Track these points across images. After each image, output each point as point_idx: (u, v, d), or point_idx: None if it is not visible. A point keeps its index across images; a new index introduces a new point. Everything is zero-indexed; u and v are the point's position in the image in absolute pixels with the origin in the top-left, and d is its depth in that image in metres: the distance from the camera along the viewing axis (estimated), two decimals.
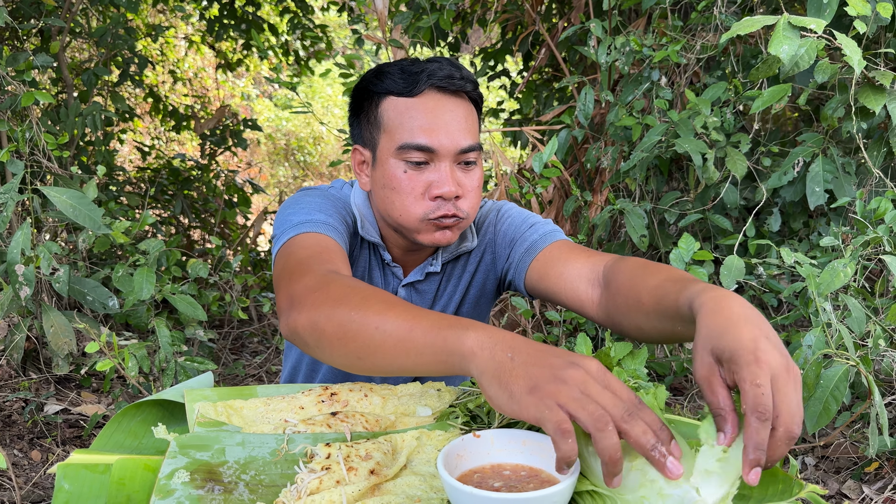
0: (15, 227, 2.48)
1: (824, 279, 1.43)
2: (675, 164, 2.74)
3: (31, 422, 2.35)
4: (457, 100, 1.24)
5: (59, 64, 3.26)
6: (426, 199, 1.22)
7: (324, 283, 1.00)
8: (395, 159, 1.23)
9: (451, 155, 1.22)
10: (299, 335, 0.99)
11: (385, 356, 0.91)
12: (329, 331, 0.95)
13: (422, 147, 1.20)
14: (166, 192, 4.33)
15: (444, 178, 1.21)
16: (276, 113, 8.48)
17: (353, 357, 0.94)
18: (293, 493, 0.83)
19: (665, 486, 0.74)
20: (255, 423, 1.00)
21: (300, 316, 0.98)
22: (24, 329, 2.28)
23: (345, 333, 0.93)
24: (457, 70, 1.23)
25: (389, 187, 1.24)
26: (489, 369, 0.80)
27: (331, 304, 0.96)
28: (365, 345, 0.92)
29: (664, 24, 2.60)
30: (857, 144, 2.18)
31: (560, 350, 0.80)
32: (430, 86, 1.21)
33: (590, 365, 0.76)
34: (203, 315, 2.09)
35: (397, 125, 1.22)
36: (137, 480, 0.88)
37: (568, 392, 0.73)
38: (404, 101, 1.22)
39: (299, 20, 4.92)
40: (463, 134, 1.22)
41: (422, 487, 0.86)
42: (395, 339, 0.89)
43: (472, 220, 1.30)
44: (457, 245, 1.38)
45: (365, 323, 0.92)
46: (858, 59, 1.75)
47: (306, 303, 0.99)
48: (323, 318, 0.95)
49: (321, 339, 0.96)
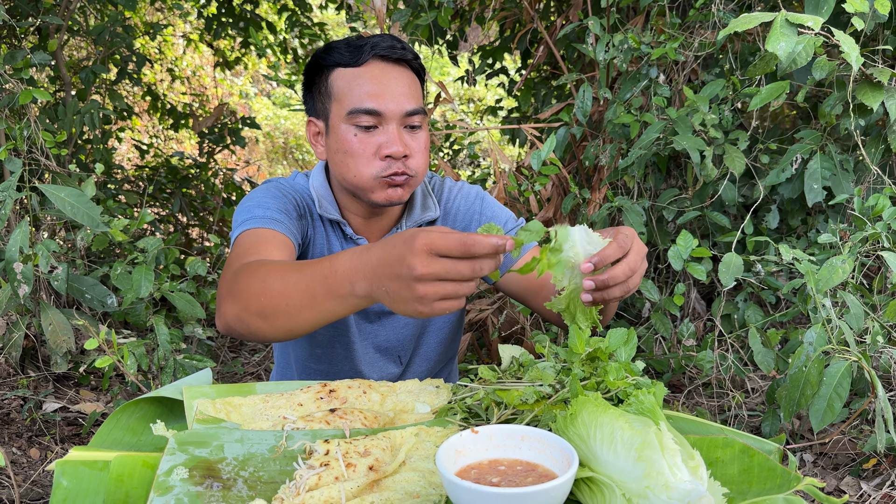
0: (13, 226, 2.48)
1: (823, 275, 1.43)
2: (673, 161, 2.74)
3: (29, 420, 2.35)
4: (400, 68, 1.35)
5: (57, 62, 3.26)
6: (377, 158, 1.31)
7: (234, 277, 1.12)
8: (346, 124, 1.32)
9: (397, 118, 1.32)
10: (232, 328, 1.11)
11: (301, 312, 1.02)
12: (251, 314, 1.07)
13: (370, 111, 1.30)
14: (164, 191, 4.32)
15: (393, 139, 1.31)
16: (275, 111, 8.47)
17: (279, 326, 1.05)
18: (292, 489, 0.83)
19: (671, 478, 0.74)
20: (253, 420, 1.00)
21: (227, 311, 1.10)
22: (23, 327, 2.27)
23: (262, 310, 1.05)
24: (398, 42, 1.35)
25: (342, 151, 1.33)
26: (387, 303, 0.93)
27: (245, 292, 1.08)
28: (281, 311, 1.03)
29: (662, 22, 2.60)
30: (854, 141, 2.18)
31: (392, 249, 0.91)
32: (374, 55, 1.32)
33: (420, 237, 0.87)
34: (202, 313, 2.09)
35: (346, 93, 1.32)
36: (136, 477, 0.88)
37: (429, 289, 0.88)
38: (351, 70, 1.32)
39: (297, 18, 4.92)
40: (407, 98, 1.32)
41: (421, 483, 0.86)
42: (299, 294, 1.01)
43: (421, 179, 1.38)
44: (420, 213, 1.46)
45: (272, 293, 1.04)
46: (856, 55, 1.74)
47: (227, 298, 1.11)
48: (242, 305, 1.08)
49: (249, 323, 1.08)
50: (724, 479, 0.87)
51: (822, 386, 1.35)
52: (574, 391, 0.92)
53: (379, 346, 1.50)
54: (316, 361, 1.50)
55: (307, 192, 1.44)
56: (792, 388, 1.38)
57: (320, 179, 1.45)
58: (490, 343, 2.83)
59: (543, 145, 2.24)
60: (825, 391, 1.34)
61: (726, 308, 2.29)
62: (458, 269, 0.88)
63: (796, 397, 1.36)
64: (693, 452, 0.79)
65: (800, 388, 1.36)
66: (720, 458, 0.91)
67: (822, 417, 1.34)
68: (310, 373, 1.51)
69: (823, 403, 1.33)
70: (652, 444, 0.77)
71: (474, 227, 1.49)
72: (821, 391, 1.34)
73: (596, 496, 0.80)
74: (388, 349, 1.51)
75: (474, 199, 1.50)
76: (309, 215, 1.43)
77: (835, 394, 1.33)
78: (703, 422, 1.02)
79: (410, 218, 1.46)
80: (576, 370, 0.99)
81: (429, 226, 1.48)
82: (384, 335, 1.49)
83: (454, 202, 1.50)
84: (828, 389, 1.34)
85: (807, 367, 1.37)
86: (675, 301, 2.12)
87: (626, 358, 1.05)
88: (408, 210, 1.47)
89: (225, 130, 4.38)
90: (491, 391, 0.99)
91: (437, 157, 3.17)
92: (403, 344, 1.51)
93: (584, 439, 0.82)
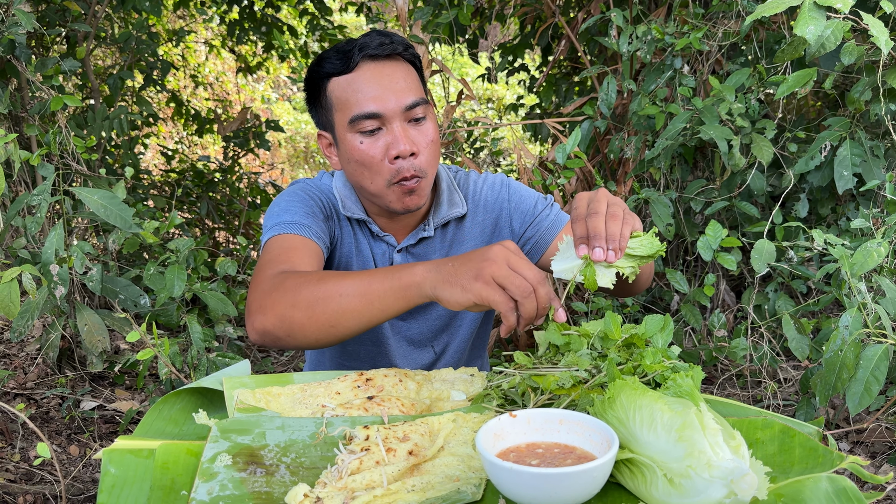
0: (46, 230, 2.53)
1: (858, 259, 1.41)
2: (699, 152, 2.72)
3: (68, 417, 2.40)
4: (392, 63, 1.32)
5: (85, 69, 3.32)
6: (386, 162, 1.30)
7: (277, 283, 1.14)
8: (351, 133, 1.31)
9: (398, 114, 1.30)
10: (270, 332, 1.12)
11: (354, 314, 1.07)
12: (297, 316, 1.09)
13: (370, 115, 1.28)
14: (191, 195, 4.38)
15: (398, 137, 1.29)
16: (296, 116, 8.54)
17: (325, 328, 1.08)
18: (334, 473, 0.84)
19: (713, 457, 0.74)
20: (292, 408, 1.02)
21: (265, 317, 1.11)
22: (59, 328, 2.32)
23: (313, 311, 1.08)
24: (387, 37, 1.32)
25: (354, 161, 1.32)
26: (439, 281, 1.00)
27: (291, 295, 1.10)
28: (334, 312, 1.07)
29: (685, 13, 2.58)
30: (885, 128, 2.15)
31: (479, 248, 1.01)
32: (364, 57, 1.30)
33: (507, 244, 0.99)
34: (233, 311, 2.12)
35: (344, 102, 1.31)
36: (181, 464, 0.89)
37: (498, 269, 0.96)
38: (345, 77, 1.31)
39: (318, 21, 4.95)
40: (405, 92, 1.30)
41: (460, 468, 0.87)
42: (358, 295, 1.06)
43: (433, 174, 1.36)
44: (447, 209, 1.45)
45: (328, 295, 1.08)
46: (886, 39, 1.72)
47: (266, 304, 1.12)
48: (287, 308, 1.10)
49: (292, 326, 1.10)
50: (764, 460, 0.86)
51: (858, 369, 1.33)
52: (611, 375, 0.92)
53: (412, 339, 1.51)
54: (349, 358, 1.51)
55: (332, 193, 1.44)
56: (828, 373, 1.37)
57: (343, 180, 1.45)
58: (517, 338, 2.83)
59: (568, 139, 2.23)
60: (862, 374, 1.32)
61: (757, 299, 2.27)
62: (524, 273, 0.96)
63: (832, 381, 1.35)
64: (734, 432, 0.79)
65: (836, 371, 1.34)
66: (760, 439, 0.90)
67: (858, 401, 1.32)
68: (343, 369, 1.52)
69: (860, 387, 1.32)
70: (693, 424, 0.77)
71: (504, 216, 1.48)
72: (858, 374, 1.33)
73: (637, 477, 0.80)
74: (422, 340, 1.51)
75: (500, 187, 1.50)
76: (335, 216, 1.43)
77: (872, 377, 1.32)
78: (740, 405, 1.02)
79: (437, 214, 1.45)
80: (612, 355, 0.99)
81: (458, 221, 1.49)
82: (417, 328, 1.50)
83: (481, 194, 1.50)
84: (865, 372, 1.32)
85: (843, 351, 1.35)
86: (705, 292, 2.11)
87: (663, 344, 1.05)
88: (434, 206, 1.46)
89: (249, 134, 4.43)
90: (527, 377, 0.99)
91: (462, 154, 3.17)
92: (436, 334, 1.52)
93: (623, 422, 0.82)
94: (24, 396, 2.50)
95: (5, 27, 2.33)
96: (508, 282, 0.95)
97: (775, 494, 0.79)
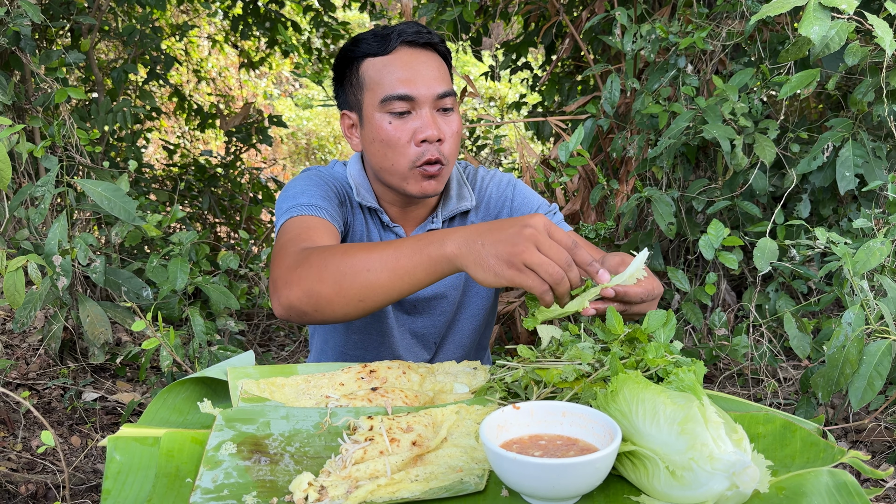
0: (49, 221, 2.53)
1: (860, 258, 1.41)
2: (702, 151, 2.72)
3: (70, 408, 2.40)
4: (427, 52, 1.36)
5: (90, 62, 3.32)
6: (412, 145, 1.32)
7: (303, 258, 1.13)
8: (380, 113, 1.33)
9: (429, 101, 1.33)
10: (296, 307, 1.11)
11: (383, 288, 1.06)
12: (325, 291, 1.08)
13: (402, 96, 1.31)
14: (193, 189, 4.38)
15: (427, 122, 1.32)
16: (297, 112, 8.55)
17: (354, 302, 1.08)
18: (339, 462, 0.85)
19: (715, 449, 0.74)
20: (296, 399, 1.02)
21: (291, 291, 1.10)
22: (62, 319, 2.32)
23: (340, 286, 1.07)
24: (423, 27, 1.36)
25: (378, 140, 1.34)
26: (471, 261, 0.99)
27: (317, 270, 1.09)
28: (363, 286, 1.06)
29: (689, 12, 2.58)
30: (888, 129, 2.15)
31: (509, 219, 1.00)
32: (402, 42, 1.34)
33: (537, 221, 0.98)
34: (235, 303, 2.12)
35: (377, 82, 1.33)
36: (186, 452, 0.90)
37: (530, 256, 0.95)
38: (381, 59, 1.34)
39: (321, 18, 4.95)
40: (437, 81, 1.34)
41: (463, 458, 0.88)
42: (387, 270, 1.05)
43: (453, 165, 1.39)
44: (456, 203, 1.47)
45: (356, 269, 1.06)
46: (890, 40, 1.73)
47: (292, 279, 1.11)
48: (315, 283, 1.08)
49: (319, 301, 1.08)
50: (766, 454, 0.87)
51: (861, 365, 1.34)
52: (614, 369, 0.93)
53: (416, 332, 1.52)
54: (353, 348, 1.52)
55: (345, 180, 1.46)
56: (830, 369, 1.37)
57: (357, 168, 1.47)
58: (518, 335, 2.83)
59: (571, 137, 2.24)
60: (865, 370, 1.33)
61: (758, 299, 2.28)
62: (555, 257, 0.96)
63: (835, 377, 1.36)
64: (736, 426, 0.80)
65: (838, 367, 1.35)
66: (761, 434, 0.91)
67: (861, 396, 1.33)
68: (347, 360, 1.53)
69: (863, 382, 1.32)
70: (695, 417, 0.78)
71: (505, 215, 1.50)
72: (860, 370, 1.33)
73: (639, 469, 0.80)
74: (425, 335, 1.53)
75: (506, 186, 1.52)
76: (348, 202, 1.45)
77: (875, 372, 1.32)
78: (741, 401, 1.03)
79: (446, 207, 1.47)
80: (614, 349, 0.99)
81: (464, 215, 1.50)
82: (421, 323, 1.51)
83: (487, 190, 1.52)
84: (868, 368, 1.33)
85: (845, 347, 1.36)
86: (706, 290, 2.11)
87: (665, 340, 1.05)
88: (443, 199, 1.48)
89: (252, 129, 4.43)
90: (530, 370, 1.00)
91: (464, 151, 3.18)
92: (440, 330, 1.53)
93: (626, 415, 0.83)
94: (27, 386, 2.51)
95: (10, 19, 2.33)
96: (542, 270, 0.96)
97: (776, 487, 0.79)
